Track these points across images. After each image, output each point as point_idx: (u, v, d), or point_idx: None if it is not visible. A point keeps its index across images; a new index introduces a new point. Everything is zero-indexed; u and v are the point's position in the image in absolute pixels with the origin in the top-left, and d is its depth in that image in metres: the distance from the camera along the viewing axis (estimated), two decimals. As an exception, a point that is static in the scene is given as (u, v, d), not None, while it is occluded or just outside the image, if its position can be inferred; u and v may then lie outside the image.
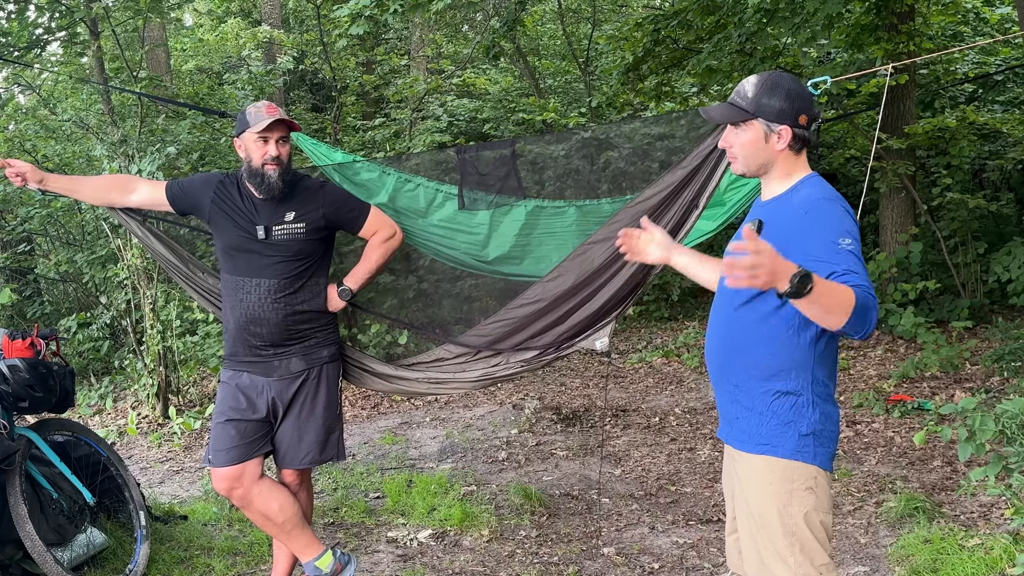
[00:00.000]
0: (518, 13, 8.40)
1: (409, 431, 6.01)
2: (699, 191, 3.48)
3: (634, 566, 3.78)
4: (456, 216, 3.70)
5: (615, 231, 3.49)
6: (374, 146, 10.40)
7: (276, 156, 3.16)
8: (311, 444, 3.28)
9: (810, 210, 2.17)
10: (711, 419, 5.94)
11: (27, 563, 3.51)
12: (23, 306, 8.83)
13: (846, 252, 2.03)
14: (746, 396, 2.28)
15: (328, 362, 3.33)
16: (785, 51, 7.46)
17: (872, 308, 1.95)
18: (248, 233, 3.21)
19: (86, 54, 9.01)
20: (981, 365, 6.41)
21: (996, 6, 9.70)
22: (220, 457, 3.19)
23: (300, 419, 3.26)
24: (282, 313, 3.20)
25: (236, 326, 3.24)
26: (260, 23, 13.41)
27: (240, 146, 3.23)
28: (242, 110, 3.28)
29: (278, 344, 3.23)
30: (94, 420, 6.69)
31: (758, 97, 2.23)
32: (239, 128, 3.21)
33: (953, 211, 8.09)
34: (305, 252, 3.24)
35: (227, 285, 3.27)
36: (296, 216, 3.22)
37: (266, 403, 3.24)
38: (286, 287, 3.20)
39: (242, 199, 3.26)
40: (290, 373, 3.25)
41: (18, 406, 3.62)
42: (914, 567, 3.48)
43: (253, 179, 3.20)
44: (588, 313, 3.60)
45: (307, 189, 3.31)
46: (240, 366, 3.26)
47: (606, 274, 3.58)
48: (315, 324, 3.29)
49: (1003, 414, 3.39)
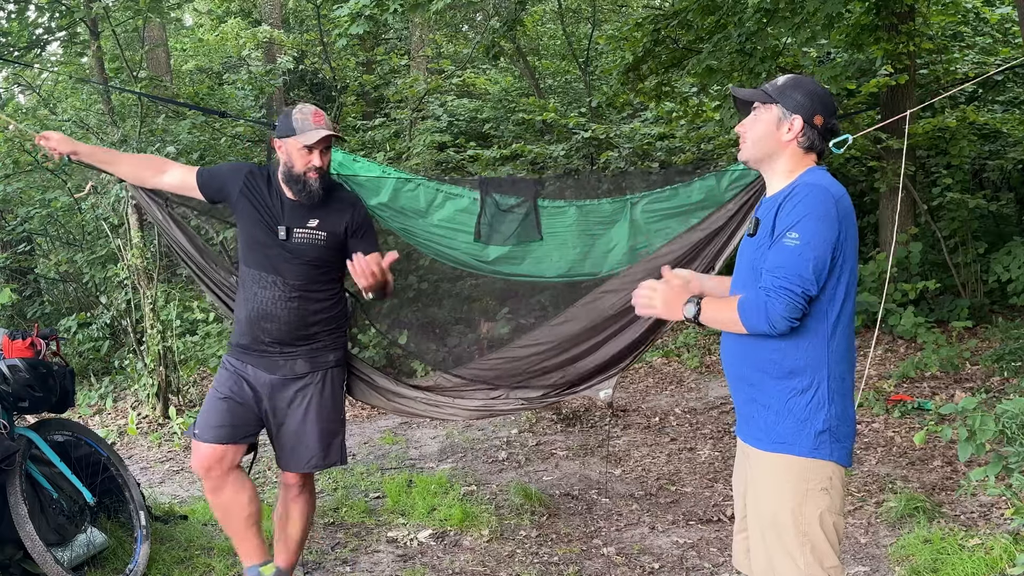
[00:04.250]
0: (518, 13, 8.41)
1: (409, 431, 6.02)
2: (717, 253, 3.52)
3: (634, 566, 3.78)
4: (456, 216, 3.70)
5: (628, 283, 3.55)
6: (374, 146, 10.41)
7: (320, 166, 3.17)
8: (314, 448, 3.28)
9: (789, 195, 2.21)
10: (711, 419, 5.94)
11: (27, 563, 3.51)
12: (23, 306, 8.83)
13: (784, 248, 2.16)
14: (762, 394, 2.29)
15: (334, 366, 3.33)
16: (785, 51, 7.45)
17: (757, 308, 2.16)
18: (270, 230, 3.21)
19: (86, 54, 9.02)
20: (981, 365, 6.41)
21: (996, 6, 9.69)
22: (209, 433, 3.19)
23: (303, 422, 3.26)
24: (294, 314, 3.20)
25: (247, 319, 3.24)
26: (260, 23, 13.43)
27: (281, 148, 3.22)
28: (287, 112, 3.25)
29: (286, 343, 3.23)
30: (94, 420, 6.69)
31: (784, 87, 2.32)
32: (283, 131, 3.19)
33: (953, 211, 8.10)
34: (322, 259, 3.24)
35: (244, 276, 3.27)
36: (320, 224, 3.22)
37: (265, 398, 3.24)
38: (301, 289, 3.20)
39: (271, 195, 3.26)
40: (294, 374, 3.25)
41: (18, 406, 3.61)
42: (914, 567, 3.48)
43: (293, 184, 3.20)
44: (595, 363, 3.67)
45: (339, 201, 3.31)
46: (245, 358, 3.26)
47: (615, 325, 3.63)
48: (325, 328, 3.29)
49: (1003, 414, 3.38)
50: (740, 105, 2.43)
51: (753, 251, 2.30)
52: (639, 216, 3.67)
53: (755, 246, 2.29)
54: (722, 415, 6.01)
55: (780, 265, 2.14)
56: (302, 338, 3.24)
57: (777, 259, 2.15)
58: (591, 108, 11.30)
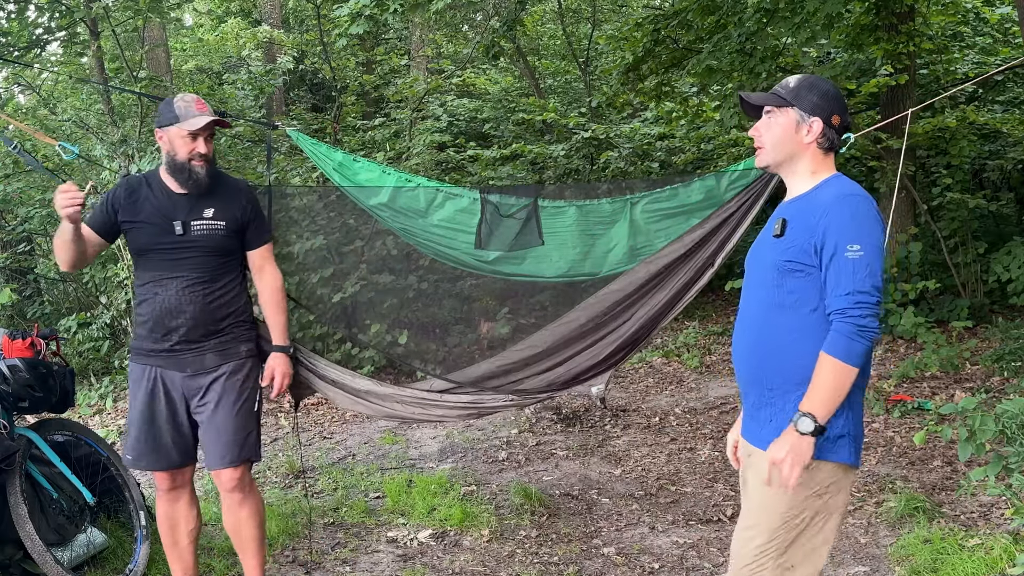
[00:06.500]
0: (518, 13, 8.41)
1: (409, 431, 6.01)
2: (716, 250, 3.54)
3: (634, 566, 3.78)
4: (456, 216, 3.70)
5: (628, 284, 3.57)
6: (374, 146, 10.41)
7: (204, 153, 3.12)
8: (230, 442, 3.19)
9: (833, 208, 2.19)
10: (711, 419, 5.94)
11: (27, 563, 3.51)
12: (23, 306, 8.83)
13: (847, 263, 2.13)
14: (781, 398, 2.27)
15: (245, 357, 3.27)
16: (785, 51, 7.45)
17: (850, 339, 2.10)
18: (164, 230, 3.12)
19: (86, 54, 9.02)
20: (981, 365, 6.41)
21: (996, 6, 9.70)
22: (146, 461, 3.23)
23: (215, 415, 3.19)
24: (202, 309, 3.14)
25: (153, 320, 3.15)
26: (260, 23, 13.43)
27: (162, 138, 3.15)
28: (166, 100, 3.19)
29: (194, 340, 3.16)
30: (94, 420, 6.69)
31: (798, 89, 2.30)
32: (164, 120, 3.12)
33: (953, 211, 8.09)
34: (224, 249, 3.19)
35: (143, 282, 3.19)
36: (216, 213, 3.17)
37: (182, 398, 3.19)
38: (207, 282, 3.15)
39: (155, 196, 3.16)
40: (204, 368, 3.18)
41: (18, 406, 3.61)
42: (914, 567, 3.48)
43: (178, 174, 3.13)
44: (588, 361, 3.69)
45: (229, 188, 3.26)
46: (151, 360, 3.18)
47: (613, 323, 3.63)
48: (235, 320, 3.24)
49: (1003, 414, 3.38)
50: (749, 109, 2.41)
51: (780, 252, 2.26)
52: (639, 216, 3.68)
53: (784, 247, 2.25)
54: (722, 415, 6.01)
55: (852, 280, 2.12)
56: (212, 333, 3.18)
57: (845, 275, 2.13)
58: (591, 108, 11.31)
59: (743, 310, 2.42)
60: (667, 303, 3.62)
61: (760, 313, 2.33)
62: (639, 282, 3.63)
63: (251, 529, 3.33)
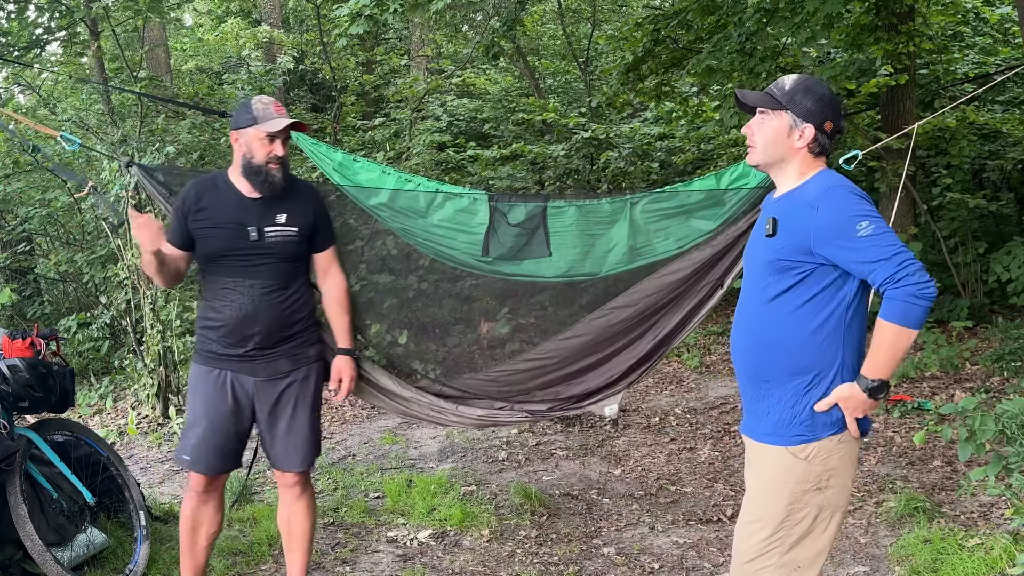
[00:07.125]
0: (518, 13, 8.40)
1: (409, 431, 6.01)
2: (726, 271, 3.52)
3: (634, 566, 3.78)
4: (456, 216, 3.70)
5: (636, 298, 3.57)
6: (374, 146, 10.42)
7: (281, 156, 3.10)
8: (307, 444, 3.25)
9: (819, 204, 2.21)
10: (711, 419, 5.94)
11: (27, 563, 3.51)
12: (23, 306, 8.83)
13: (865, 240, 2.14)
14: (777, 389, 2.30)
15: (315, 361, 3.30)
16: (785, 51, 7.45)
17: (907, 303, 2.11)
18: (238, 235, 3.09)
19: (86, 54, 9.03)
20: (981, 365, 6.42)
21: (996, 6, 9.70)
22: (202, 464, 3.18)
23: (293, 419, 3.21)
24: (276, 315, 3.13)
25: (227, 326, 3.11)
26: (260, 23, 13.43)
27: (238, 139, 3.12)
28: (245, 102, 3.17)
29: (268, 347, 3.15)
30: (94, 420, 6.69)
31: (792, 92, 2.30)
32: (242, 122, 3.09)
33: (953, 211, 8.09)
34: (295, 255, 3.19)
35: (214, 288, 3.15)
36: (288, 219, 3.15)
37: (251, 403, 3.19)
38: (280, 288, 3.14)
39: (227, 200, 3.14)
40: (277, 373, 3.19)
41: (18, 406, 3.61)
42: (914, 567, 3.48)
43: (253, 176, 3.10)
44: (601, 378, 3.66)
45: (300, 192, 3.25)
46: (221, 364, 3.15)
47: (622, 340, 3.62)
48: (305, 324, 3.25)
49: (1003, 414, 3.39)
50: (744, 106, 2.43)
51: (773, 250, 2.28)
52: (639, 216, 3.67)
53: (776, 246, 2.28)
54: (722, 415, 6.01)
55: (881, 252, 2.13)
56: (284, 339, 3.18)
57: (871, 252, 2.14)
58: (591, 108, 11.30)
59: (740, 308, 2.45)
60: (678, 324, 3.62)
61: (754, 310, 2.36)
62: (648, 301, 3.61)
63: (305, 521, 3.37)
